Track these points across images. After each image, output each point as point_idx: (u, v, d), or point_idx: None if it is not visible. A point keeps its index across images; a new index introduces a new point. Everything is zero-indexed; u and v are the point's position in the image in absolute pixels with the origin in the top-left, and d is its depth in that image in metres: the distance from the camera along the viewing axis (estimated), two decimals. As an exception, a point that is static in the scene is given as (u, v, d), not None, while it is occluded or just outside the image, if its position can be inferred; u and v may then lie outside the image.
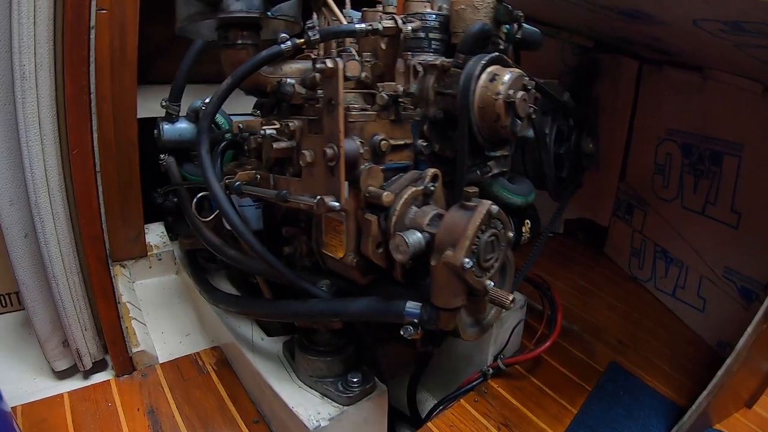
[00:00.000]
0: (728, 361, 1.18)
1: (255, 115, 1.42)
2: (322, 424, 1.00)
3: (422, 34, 1.07)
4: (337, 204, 0.78)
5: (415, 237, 0.78)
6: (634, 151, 2.07)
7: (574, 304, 1.85)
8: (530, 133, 1.22)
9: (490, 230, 0.76)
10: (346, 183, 0.80)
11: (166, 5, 0.85)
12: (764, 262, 1.51)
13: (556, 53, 2.14)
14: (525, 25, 1.16)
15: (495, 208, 0.76)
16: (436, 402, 1.39)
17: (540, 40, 1.26)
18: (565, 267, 2.15)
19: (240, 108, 1.41)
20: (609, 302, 1.89)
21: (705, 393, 1.20)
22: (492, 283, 0.79)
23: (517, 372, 1.42)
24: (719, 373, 1.19)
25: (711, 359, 1.48)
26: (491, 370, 1.36)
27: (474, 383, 1.35)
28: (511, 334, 1.40)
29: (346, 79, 0.77)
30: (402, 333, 0.85)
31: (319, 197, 0.79)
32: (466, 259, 0.74)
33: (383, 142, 0.86)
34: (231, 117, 1.49)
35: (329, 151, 0.77)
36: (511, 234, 0.81)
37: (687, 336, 1.71)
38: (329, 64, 0.75)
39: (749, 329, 1.17)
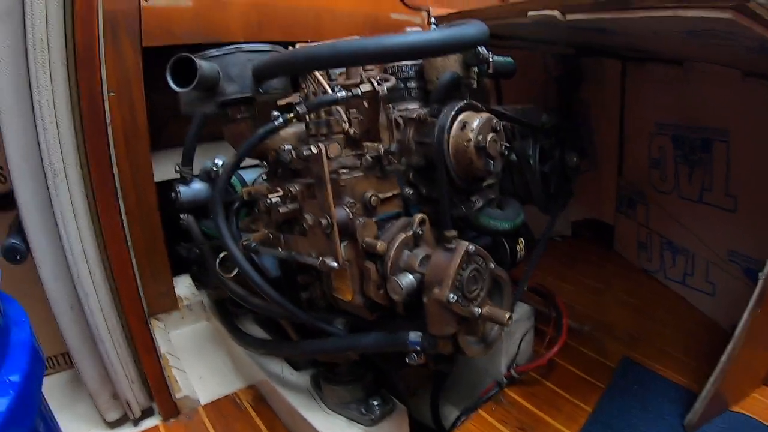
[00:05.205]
0: (729, 346, 1.23)
1: (261, 166, 1.55)
2: (350, 445, 1.12)
3: (401, 85, 1.17)
4: (335, 264, 0.90)
5: (408, 279, 0.89)
6: (629, 148, 2.12)
7: (585, 304, 1.89)
8: (513, 157, 1.31)
9: (471, 266, 0.87)
10: (343, 244, 0.91)
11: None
12: (765, 241, 1.52)
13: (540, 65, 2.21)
14: (496, 57, 1.25)
15: (472, 247, 0.87)
16: (458, 414, 1.48)
17: (513, 69, 1.34)
18: (574, 269, 2.18)
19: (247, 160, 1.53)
20: (620, 298, 1.92)
21: (712, 379, 1.25)
22: (479, 310, 0.89)
23: (532, 378, 1.49)
24: (723, 358, 1.23)
25: (726, 342, 1.46)
26: (505, 380, 1.43)
27: (490, 393, 1.43)
28: (520, 344, 1.47)
29: (329, 158, 0.88)
30: (407, 360, 0.96)
31: (321, 258, 0.91)
32: (451, 294, 0.85)
33: (373, 198, 0.97)
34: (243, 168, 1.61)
35: (323, 221, 0.89)
36: (492, 265, 0.91)
37: (700, 321, 1.73)
38: (314, 149, 0.87)
39: (746, 313, 1.21)
